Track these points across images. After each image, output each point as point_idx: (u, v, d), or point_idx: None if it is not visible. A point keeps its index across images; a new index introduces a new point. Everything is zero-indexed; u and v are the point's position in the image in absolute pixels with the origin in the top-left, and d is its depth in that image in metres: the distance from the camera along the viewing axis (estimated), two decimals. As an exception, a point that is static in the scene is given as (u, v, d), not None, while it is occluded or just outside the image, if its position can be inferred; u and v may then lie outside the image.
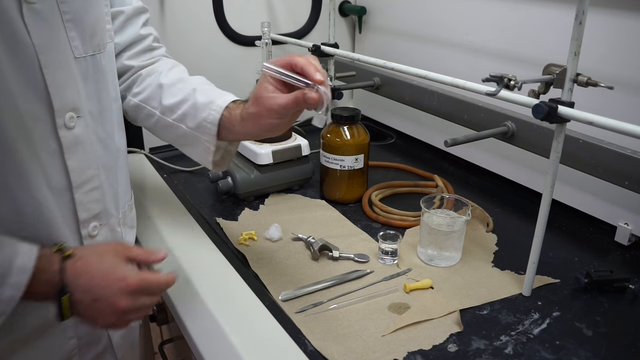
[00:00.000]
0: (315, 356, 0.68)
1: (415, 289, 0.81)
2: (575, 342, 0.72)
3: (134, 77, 0.88)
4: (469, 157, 1.27)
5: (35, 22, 0.61)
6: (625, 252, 0.94)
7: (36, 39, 0.62)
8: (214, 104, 0.79)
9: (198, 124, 0.80)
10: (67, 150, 0.68)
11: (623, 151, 0.85)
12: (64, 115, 0.67)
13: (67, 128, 0.67)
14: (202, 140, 0.81)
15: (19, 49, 0.60)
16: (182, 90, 0.84)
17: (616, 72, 0.90)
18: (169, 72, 0.88)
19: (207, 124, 0.79)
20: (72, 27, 0.67)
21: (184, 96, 0.83)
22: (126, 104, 0.88)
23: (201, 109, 0.80)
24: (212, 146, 0.80)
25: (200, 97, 0.81)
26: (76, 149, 0.69)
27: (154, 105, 0.85)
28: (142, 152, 1.30)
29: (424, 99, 1.22)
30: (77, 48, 0.68)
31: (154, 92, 0.86)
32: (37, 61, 0.62)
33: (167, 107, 0.84)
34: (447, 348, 0.70)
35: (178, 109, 0.83)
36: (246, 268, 0.87)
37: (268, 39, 1.13)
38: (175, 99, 0.83)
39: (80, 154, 0.70)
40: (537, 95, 0.72)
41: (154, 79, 0.87)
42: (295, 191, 1.14)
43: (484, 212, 1.02)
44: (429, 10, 1.28)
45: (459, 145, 0.84)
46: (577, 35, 0.66)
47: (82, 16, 0.68)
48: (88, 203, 0.72)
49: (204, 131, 0.80)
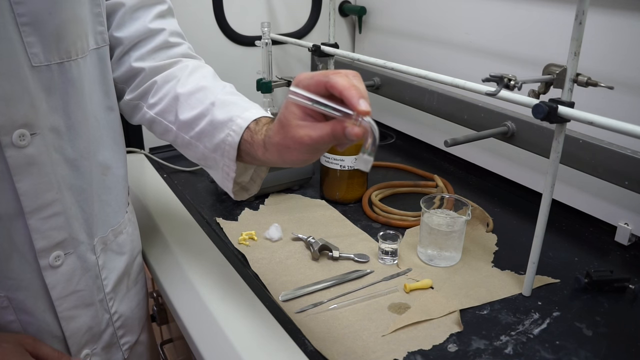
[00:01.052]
0: (315, 356, 0.68)
1: (415, 289, 0.81)
2: (575, 342, 0.72)
3: (148, 83, 0.75)
4: (469, 157, 1.27)
5: None
6: (625, 252, 0.94)
7: None
8: (234, 123, 0.65)
9: (216, 146, 0.67)
10: (15, 171, 0.59)
11: (623, 151, 0.85)
12: (12, 132, 0.58)
13: (16, 147, 0.59)
14: (220, 164, 0.68)
15: None
16: (201, 102, 0.70)
17: (616, 72, 0.90)
18: (189, 77, 0.73)
19: (225, 147, 0.66)
20: (30, 31, 0.58)
21: (202, 110, 0.69)
22: (141, 117, 0.77)
23: (219, 128, 0.67)
24: (232, 172, 0.67)
25: (218, 112, 0.67)
26: (29, 170, 0.60)
27: (170, 119, 0.73)
28: (142, 152, 1.30)
29: (424, 99, 1.22)
30: (37, 55, 0.59)
31: (170, 104, 0.73)
32: None
33: (183, 122, 0.71)
34: (447, 348, 0.70)
35: (196, 126, 0.69)
36: (246, 268, 0.87)
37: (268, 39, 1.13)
38: (193, 112, 0.70)
39: (35, 175, 0.61)
40: (537, 95, 0.72)
41: (171, 87, 0.73)
42: (295, 191, 1.14)
43: (484, 212, 1.02)
44: (429, 10, 1.28)
45: (459, 145, 0.84)
46: (577, 35, 0.66)
47: (43, 19, 0.58)
48: (47, 231, 0.64)
49: (222, 154, 0.67)
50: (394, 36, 1.41)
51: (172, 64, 0.76)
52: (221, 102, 0.68)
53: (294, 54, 1.49)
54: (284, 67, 1.50)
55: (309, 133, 0.54)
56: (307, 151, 0.56)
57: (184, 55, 0.79)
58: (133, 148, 1.29)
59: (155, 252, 0.92)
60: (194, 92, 0.71)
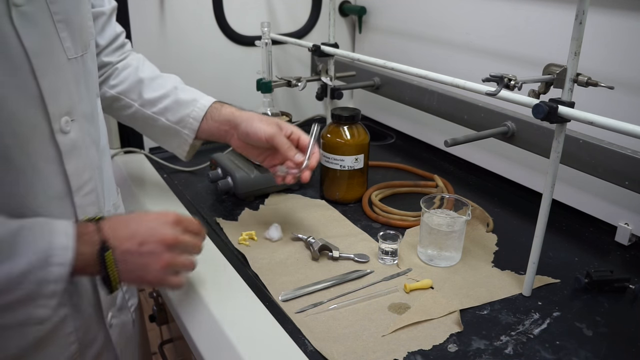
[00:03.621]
0: (315, 356, 0.68)
1: (415, 289, 0.81)
2: (576, 342, 0.72)
3: (110, 70, 0.94)
4: (469, 157, 1.27)
5: (24, 25, 0.59)
6: (625, 252, 0.94)
7: (27, 43, 0.60)
8: (198, 102, 0.91)
9: (180, 119, 0.91)
10: (65, 155, 0.66)
11: (623, 151, 0.85)
12: (60, 119, 0.65)
13: (64, 133, 0.66)
14: (182, 133, 0.92)
15: (9, 54, 0.59)
16: (163, 86, 0.93)
17: (616, 72, 0.90)
18: (144, 66, 0.95)
19: (190, 119, 0.91)
20: (63, 27, 0.65)
21: (166, 91, 0.92)
22: (102, 95, 0.92)
23: (184, 106, 0.91)
24: (191, 139, 0.92)
25: (182, 94, 0.92)
26: (73, 153, 0.67)
27: (133, 97, 0.93)
28: (142, 152, 1.30)
29: (424, 99, 1.22)
30: (69, 49, 0.66)
31: (133, 85, 0.93)
32: (30, 66, 0.60)
33: (147, 100, 0.92)
34: (447, 348, 0.70)
35: (159, 103, 0.92)
36: (246, 268, 0.87)
37: (268, 39, 1.13)
38: (156, 93, 0.92)
39: (77, 157, 0.68)
40: (537, 95, 0.72)
41: (131, 72, 0.94)
42: (295, 191, 1.14)
43: (484, 212, 1.02)
44: (430, 10, 1.28)
45: (459, 145, 0.84)
46: (577, 35, 0.66)
47: (71, 16, 0.66)
48: (87, 206, 0.71)
49: (185, 125, 0.91)
50: (394, 36, 1.41)
51: (127, 56, 0.97)
52: (182, 88, 0.93)
53: (294, 54, 1.49)
54: (284, 67, 1.50)
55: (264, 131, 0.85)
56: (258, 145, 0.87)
57: (130, 50, 0.99)
58: (133, 148, 1.29)
59: (155, 252, 0.92)
60: (155, 78, 0.94)
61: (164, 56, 1.28)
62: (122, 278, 0.65)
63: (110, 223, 0.65)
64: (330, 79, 1.18)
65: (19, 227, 0.60)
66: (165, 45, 1.30)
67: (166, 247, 0.66)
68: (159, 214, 0.69)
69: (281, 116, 1.17)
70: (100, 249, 0.62)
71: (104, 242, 0.63)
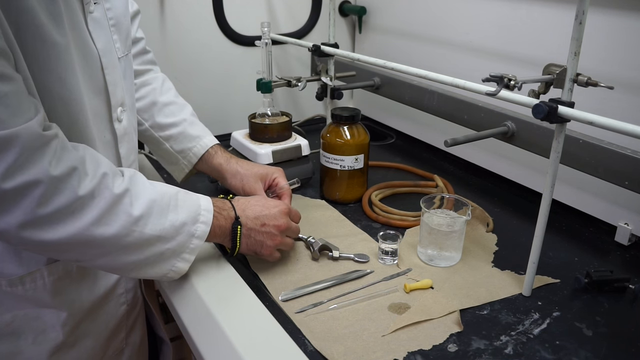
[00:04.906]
0: (315, 356, 0.68)
1: (415, 289, 0.81)
2: (575, 342, 0.72)
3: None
4: (469, 157, 1.27)
5: (96, 28, 0.72)
6: (625, 252, 0.94)
7: (98, 44, 0.72)
8: (202, 140, 0.99)
9: (182, 150, 0.99)
10: (119, 140, 0.80)
11: (623, 151, 0.85)
12: (117, 109, 0.78)
13: (119, 121, 0.79)
14: (181, 162, 1.00)
15: (87, 53, 0.70)
16: (175, 115, 1.00)
17: (616, 72, 0.90)
18: (162, 88, 1.02)
19: (190, 154, 0.99)
20: (115, 30, 0.77)
21: (176, 121, 0.99)
22: None
23: (189, 139, 0.99)
24: (187, 170, 1.00)
25: (190, 129, 0.99)
26: (124, 139, 0.81)
27: (145, 117, 0.99)
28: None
29: (424, 99, 1.22)
30: (119, 49, 0.79)
31: (148, 107, 0.99)
32: (100, 63, 0.73)
33: (157, 124, 0.99)
34: (447, 348, 0.70)
35: (167, 130, 0.99)
36: (246, 268, 0.87)
37: (268, 39, 1.13)
38: (168, 120, 0.99)
39: (127, 142, 0.82)
40: (537, 95, 0.72)
41: (149, 92, 1.00)
42: (295, 191, 1.14)
43: (484, 212, 1.02)
44: (429, 10, 1.28)
45: (459, 145, 0.84)
46: (577, 35, 0.66)
47: (121, 20, 0.79)
48: None
49: (185, 157, 0.99)
50: (394, 36, 1.41)
51: (147, 71, 1.02)
52: (191, 122, 1.01)
53: (294, 54, 1.49)
54: (284, 67, 1.50)
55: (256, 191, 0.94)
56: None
57: (152, 62, 1.04)
58: (133, 148, 1.29)
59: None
60: (169, 104, 1.01)
61: (164, 56, 1.28)
62: (242, 248, 0.82)
63: (240, 204, 0.82)
64: (330, 79, 1.18)
65: (178, 190, 0.76)
66: (165, 45, 1.30)
67: (280, 231, 0.82)
68: (277, 203, 0.85)
69: (281, 116, 1.17)
70: (234, 223, 0.79)
71: (237, 218, 0.80)
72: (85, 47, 0.70)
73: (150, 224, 0.69)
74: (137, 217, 0.68)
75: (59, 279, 0.76)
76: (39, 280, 0.74)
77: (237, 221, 0.79)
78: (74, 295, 0.78)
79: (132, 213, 0.67)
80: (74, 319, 0.79)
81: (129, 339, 0.91)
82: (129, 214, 0.67)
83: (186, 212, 0.74)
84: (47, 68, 0.64)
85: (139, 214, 0.68)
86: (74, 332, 0.79)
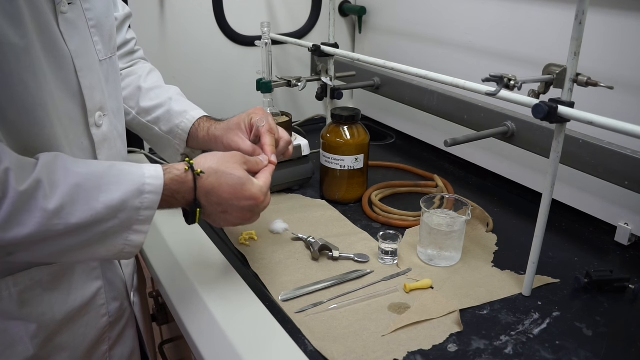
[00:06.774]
0: (315, 356, 0.68)
1: (415, 289, 0.81)
2: (575, 342, 0.72)
3: None
4: (469, 157, 1.27)
5: (68, 30, 0.68)
6: (625, 252, 0.94)
7: (71, 45, 0.68)
8: (188, 114, 0.93)
9: (170, 129, 0.93)
10: (97, 146, 0.75)
11: (623, 151, 0.85)
12: (95, 114, 0.73)
13: (97, 126, 0.74)
14: (173, 143, 0.94)
15: (58, 55, 0.66)
16: (159, 97, 0.95)
17: (616, 72, 0.90)
18: (148, 76, 0.98)
19: (179, 131, 0.93)
20: (95, 32, 0.74)
21: (161, 102, 0.95)
22: None
23: (175, 116, 0.93)
24: (182, 149, 0.94)
25: (175, 105, 0.94)
26: (104, 145, 0.76)
27: (132, 105, 0.96)
28: (142, 152, 1.30)
29: (424, 99, 1.22)
30: (101, 51, 0.75)
31: (133, 93, 0.96)
32: (73, 65, 0.69)
33: (143, 108, 0.95)
34: (447, 348, 0.70)
35: (153, 112, 0.95)
36: (246, 268, 0.87)
37: (268, 39, 1.13)
38: (152, 102, 0.95)
39: (107, 149, 0.77)
40: (537, 95, 0.72)
41: (134, 80, 0.97)
42: (295, 191, 1.14)
43: (484, 212, 1.02)
44: (429, 10, 1.28)
45: (459, 145, 0.84)
46: (577, 35, 0.66)
47: (102, 22, 0.76)
48: None
49: (175, 136, 0.93)
50: (394, 36, 1.41)
51: (134, 64, 1.00)
52: (176, 99, 0.95)
53: (294, 54, 1.49)
54: (284, 67, 1.50)
55: (237, 142, 0.85)
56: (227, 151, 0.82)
57: (141, 58, 1.03)
58: (133, 148, 1.29)
59: (155, 253, 0.92)
60: (154, 88, 0.96)
61: (164, 56, 1.28)
62: (203, 218, 0.75)
63: (206, 185, 0.72)
64: (330, 79, 1.18)
65: (112, 165, 0.68)
66: (165, 45, 1.30)
67: (240, 222, 0.77)
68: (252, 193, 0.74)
69: (281, 116, 1.17)
70: (193, 205, 0.72)
71: (197, 202, 0.72)
72: (55, 49, 0.66)
73: (76, 211, 0.62)
74: (54, 210, 0.61)
75: (27, 289, 0.71)
76: (4, 291, 0.69)
77: (195, 204, 0.72)
78: (45, 306, 0.72)
79: (46, 207, 0.60)
80: (46, 331, 0.73)
81: (114, 351, 0.85)
82: (44, 209, 0.60)
83: (123, 189, 0.66)
84: (3, 71, 0.60)
85: (57, 205, 0.61)
86: (46, 346, 0.74)
